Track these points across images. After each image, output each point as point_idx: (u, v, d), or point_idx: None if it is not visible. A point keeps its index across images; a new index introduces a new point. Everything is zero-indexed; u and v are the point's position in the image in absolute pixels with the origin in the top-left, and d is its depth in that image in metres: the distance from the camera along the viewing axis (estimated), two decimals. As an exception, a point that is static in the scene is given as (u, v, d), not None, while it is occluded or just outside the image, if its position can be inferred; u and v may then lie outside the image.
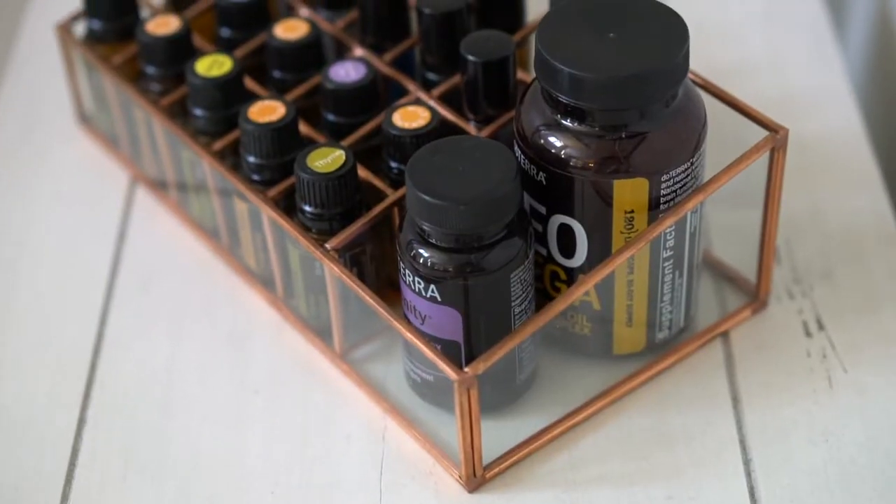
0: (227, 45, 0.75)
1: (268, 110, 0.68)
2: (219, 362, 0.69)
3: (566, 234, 0.63)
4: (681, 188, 0.63)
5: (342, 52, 0.75)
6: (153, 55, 0.74)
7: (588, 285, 0.61)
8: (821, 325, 0.69)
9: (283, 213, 0.66)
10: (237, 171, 0.69)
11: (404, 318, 0.64)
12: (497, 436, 0.65)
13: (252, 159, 0.68)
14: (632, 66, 0.60)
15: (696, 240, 0.65)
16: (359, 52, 0.73)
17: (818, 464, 0.63)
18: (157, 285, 0.73)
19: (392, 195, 0.66)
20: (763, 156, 0.64)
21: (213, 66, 0.70)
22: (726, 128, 0.71)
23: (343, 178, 0.65)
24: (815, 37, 0.87)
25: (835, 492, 0.62)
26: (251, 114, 0.67)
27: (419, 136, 0.66)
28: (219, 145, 0.70)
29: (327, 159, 0.65)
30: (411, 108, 0.67)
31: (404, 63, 0.73)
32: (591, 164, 0.61)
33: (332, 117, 0.70)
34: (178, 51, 0.73)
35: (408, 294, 0.63)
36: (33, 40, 0.89)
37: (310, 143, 0.69)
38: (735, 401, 0.66)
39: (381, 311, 0.62)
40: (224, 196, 0.71)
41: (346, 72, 0.69)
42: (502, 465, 0.64)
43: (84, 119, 0.82)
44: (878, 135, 0.86)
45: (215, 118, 0.71)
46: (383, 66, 0.71)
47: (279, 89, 0.73)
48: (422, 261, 0.61)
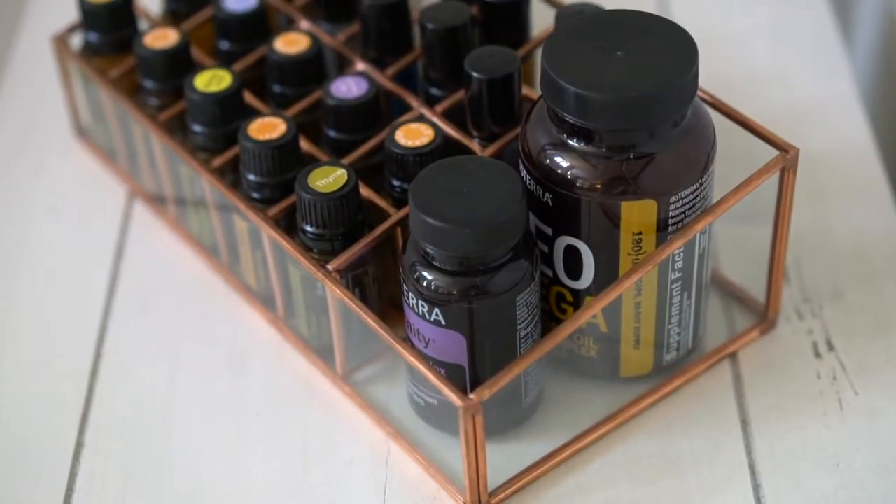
0: (226, 58, 0.74)
1: (268, 127, 0.66)
2: (218, 383, 0.68)
3: (573, 256, 0.62)
4: (690, 209, 0.61)
5: (343, 65, 0.73)
6: (151, 69, 0.72)
7: (595, 309, 0.60)
8: (830, 346, 0.68)
9: (283, 233, 0.65)
10: (237, 188, 0.68)
11: (407, 341, 0.63)
12: (502, 460, 0.63)
13: (252, 177, 0.67)
14: (640, 85, 0.58)
15: (705, 260, 0.64)
16: (360, 66, 0.71)
17: (829, 490, 0.62)
18: (155, 304, 0.72)
19: (395, 215, 0.64)
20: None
21: (212, 81, 0.69)
22: (735, 144, 0.69)
23: (345, 197, 0.63)
24: (823, 47, 0.85)
25: (846, 519, 0.61)
26: (251, 131, 0.66)
27: (422, 155, 0.65)
28: (218, 162, 0.69)
29: (329, 178, 0.64)
30: (414, 126, 0.66)
31: (407, 77, 0.72)
32: (599, 186, 0.60)
33: (333, 134, 0.69)
34: (177, 65, 0.72)
35: (411, 317, 0.62)
36: (29, 51, 0.87)
37: (311, 161, 0.68)
38: (744, 424, 0.65)
39: (385, 335, 0.61)
40: (223, 213, 0.70)
41: (348, 87, 0.68)
42: (508, 491, 0.62)
43: (81, 132, 0.81)
44: (887, 149, 0.85)
45: (214, 134, 0.69)
46: (385, 81, 0.70)
47: (279, 104, 0.71)
48: (425, 283, 0.60)
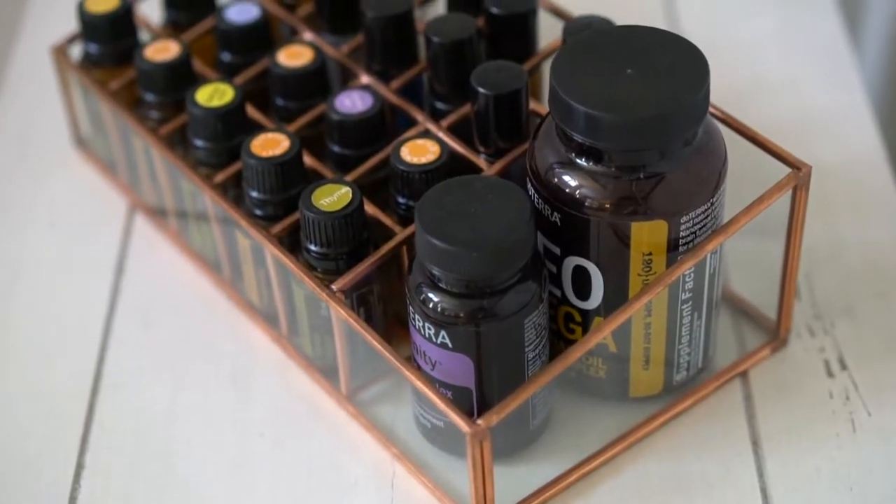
0: (227, 70, 0.73)
1: (271, 144, 0.65)
2: (221, 403, 0.67)
3: (581, 276, 0.61)
4: (701, 228, 0.60)
5: (347, 77, 0.72)
6: (152, 82, 0.71)
7: (605, 332, 0.59)
8: (843, 365, 0.67)
9: (287, 252, 0.64)
10: (239, 204, 0.67)
11: (413, 362, 0.62)
12: (510, 483, 0.62)
13: (255, 194, 0.65)
14: (651, 105, 0.57)
15: (716, 279, 0.63)
16: (365, 79, 0.70)
17: (842, 514, 0.61)
18: (156, 321, 0.71)
19: (400, 233, 0.63)
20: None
21: (214, 95, 0.68)
22: (745, 156, 0.68)
23: (350, 216, 0.62)
24: (832, 55, 0.84)
25: (860, 544, 0.60)
26: (254, 147, 0.65)
27: (428, 172, 0.63)
28: (220, 178, 0.68)
29: (333, 197, 0.63)
30: (420, 142, 0.65)
31: (412, 89, 0.71)
32: (608, 206, 0.59)
33: (337, 149, 0.67)
34: (178, 78, 0.71)
35: (417, 339, 0.61)
36: (27, 61, 0.86)
37: (314, 177, 0.67)
38: (755, 445, 0.64)
39: (391, 358, 0.60)
40: (225, 227, 0.69)
41: (353, 102, 0.67)
42: (515, 515, 0.62)
43: (80, 143, 0.80)
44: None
45: (217, 149, 0.68)
46: (390, 95, 0.69)
47: (282, 117, 0.70)
48: (431, 305, 0.59)
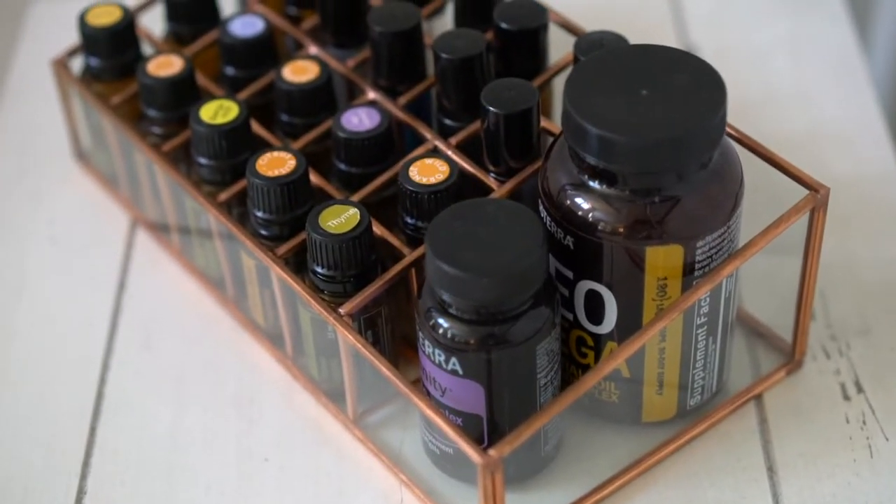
0: (231, 84, 0.72)
1: (277, 163, 0.64)
2: (225, 426, 0.66)
3: (594, 300, 0.60)
4: (717, 252, 0.59)
5: (353, 92, 0.71)
6: (155, 98, 0.70)
7: (619, 360, 0.58)
8: (859, 388, 0.65)
9: (293, 274, 0.62)
10: (244, 223, 0.66)
11: (422, 387, 0.61)
12: (521, 510, 0.61)
13: (260, 214, 0.64)
14: (667, 127, 0.56)
15: (731, 302, 0.62)
16: (372, 94, 0.69)
17: (860, 543, 0.60)
18: (159, 341, 0.70)
19: (409, 255, 0.62)
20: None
21: (218, 112, 0.67)
22: (758, 173, 0.66)
23: (358, 238, 0.61)
24: (844, 64, 0.83)
25: (878, 575, 0.59)
26: (260, 167, 0.64)
27: (438, 193, 0.62)
28: (224, 196, 0.66)
29: (340, 218, 0.61)
30: (429, 162, 0.63)
31: (420, 105, 0.69)
32: (621, 230, 0.57)
33: (343, 167, 0.66)
34: (182, 93, 0.70)
35: (427, 364, 0.59)
36: (27, 73, 0.85)
37: (320, 195, 0.65)
38: (771, 472, 0.62)
39: (400, 385, 0.58)
40: (229, 245, 0.68)
41: (360, 119, 0.66)
42: (526, 544, 0.60)
43: (81, 156, 0.78)
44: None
45: (221, 167, 0.67)
46: (398, 111, 0.68)
47: (287, 133, 0.69)
48: (441, 331, 0.58)
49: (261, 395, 0.67)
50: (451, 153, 0.65)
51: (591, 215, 0.58)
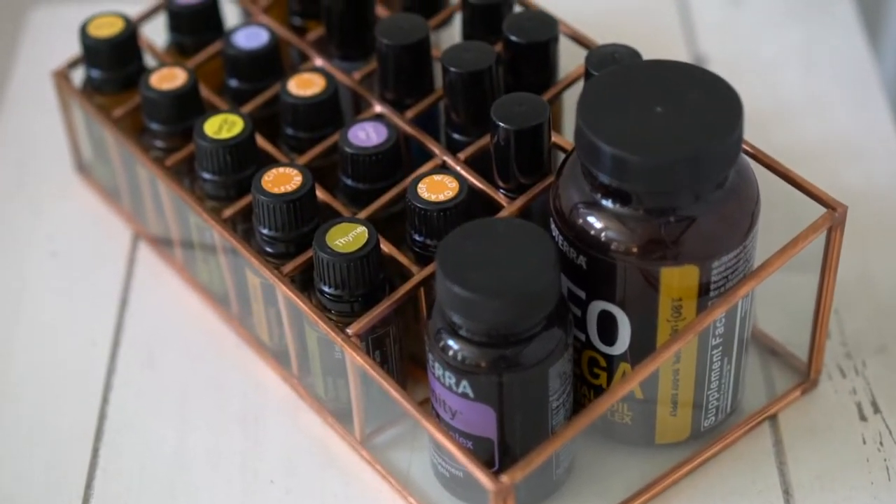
0: (235, 96, 0.70)
1: (283, 179, 0.63)
2: (230, 446, 0.65)
3: (607, 321, 0.59)
4: (732, 273, 0.58)
5: (359, 104, 0.70)
6: (158, 111, 0.68)
7: (633, 384, 0.56)
8: (876, 408, 0.64)
9: (299, 292, 0.61)
10: (249, 239, 0.65)
11: (432, 409, 0.60)
12: (532, 534, 0.60)
13: (265, 231, 0.63)
14: (683, 146, 0.55)
15: (747, 322, 0.61)
16: (378, 108, 0.67)
17: (878, 569, 0.59)
18: (162, 359, 0.68)
19: (417, 274, 0.61)
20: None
21: (222, 126, 0.65)
22: (773, 186, 0.65)
23: (365, 258, 0.60)
24: (856, 74, 0.82)
25: None
26: (265, 183, 0.62)
27: (447, 210, 0.61)
28: (229, 212, 0.65)
29: (348, 237, 0.60)
30: (438, 178, 0.62)
31: (427, 118, 0.68)
32: (635, 250, 0.56)
33: (350, 182, 0.65)
34: (185, 107, 0.68)
35: (437, 387, 0.58)
36: (27, 84, 0.83)
37: (327, 212, 0.64)
38: (787, 495, 0.61)
39: (409, 409, 0.57)
40: (234, 262, 0.66)
41: (367, 134, 0.65)
42: (538, 570, 0.59)
43: (82, 169, 0.77)
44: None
45: (225, 183, 0.66)
46: (405, 125, 0.67)
47: (292, 147, 0.68)
48: (451, 353, 0.56)
49: (266, 413, 0.66)
50: (459, 168, 0.64)
51: (604, 234, 0.57)
